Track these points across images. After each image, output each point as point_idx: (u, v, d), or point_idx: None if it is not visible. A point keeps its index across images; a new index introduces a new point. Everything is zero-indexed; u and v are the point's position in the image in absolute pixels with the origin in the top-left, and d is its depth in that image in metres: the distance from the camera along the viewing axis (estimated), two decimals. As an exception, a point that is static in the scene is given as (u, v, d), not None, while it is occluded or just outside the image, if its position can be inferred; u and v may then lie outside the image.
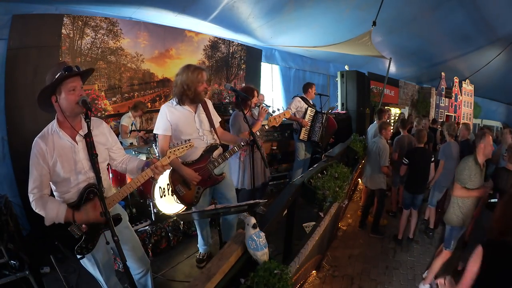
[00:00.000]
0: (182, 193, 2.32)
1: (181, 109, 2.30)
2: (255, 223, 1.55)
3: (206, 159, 2.34)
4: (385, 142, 3.77)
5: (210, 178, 2.36)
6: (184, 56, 5.43)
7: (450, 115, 11.24)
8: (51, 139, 1.56)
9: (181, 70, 2.26)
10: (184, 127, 2.29)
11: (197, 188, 2.34)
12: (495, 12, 5.67)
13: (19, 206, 3.19)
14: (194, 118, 2.33)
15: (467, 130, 4.52)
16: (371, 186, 3.87)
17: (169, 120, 2.27)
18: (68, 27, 3.81)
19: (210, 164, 2.32)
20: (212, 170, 2.34)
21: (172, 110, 2.28)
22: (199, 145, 2.32)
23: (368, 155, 3.99)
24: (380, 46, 6.20)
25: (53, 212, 1.50)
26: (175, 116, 2.27)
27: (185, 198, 2.33)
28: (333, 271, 3.07)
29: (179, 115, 2.28)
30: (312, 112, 4.29)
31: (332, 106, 7.10)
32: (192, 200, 2.35)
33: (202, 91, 2.27)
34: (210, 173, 2.34)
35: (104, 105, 4.43)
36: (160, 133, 2.30)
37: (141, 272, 1.95)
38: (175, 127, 2.29)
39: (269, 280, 1.40)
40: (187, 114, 2.31)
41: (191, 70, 2.22)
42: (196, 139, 2.29)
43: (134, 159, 1.88)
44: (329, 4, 4.76)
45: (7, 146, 3.34)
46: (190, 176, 2.25)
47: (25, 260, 2.15)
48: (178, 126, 2.28)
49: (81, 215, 1.55)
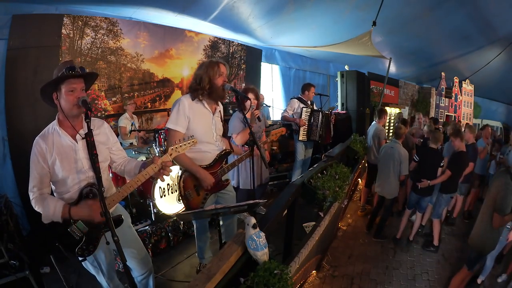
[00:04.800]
0: (191, 198, 2.18)
1: (201, 107, 2.10)
2: (255, 223, 1.55)
3: (218, 165, 2.21)
4: (404, 149, 3.62)
5: (218, 184, 2.24)
6: (184, 56, 5.43)
7: (450, 115, 11.24)
8: (51, 138, 1.56)
9: (200, 65, 2.13)
10: (200, 127, 2.09)
11: (205, 194, 2.22)
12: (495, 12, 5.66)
13: (19, 206, 3.18)
14: (212, 120, 2.17)
15: (472, 133, 4.18)
16: (386, 195, 3.72)
17: (187, 116, 2.03)
18: (68, 27, 3.81)
19: (221, 170, 2.21)
20: (221, 176, 2.24)
21: (192, 105, 2.05)
22: (212, 150, 2.19)
23: (382, 162, 3.78)
24: (380, 46, 6.19)
25: (50, 209, 1.49)
26: (195, 112, 2.05)
27: (192, 203, 2.19)
28: (333, 271, 3.07)
29: (198, 112, 2.08)
30: (308, 111, 4.26)
31: (332, 106, 7.11)
32: (199, 205, 2.23)
33: (220, 85, 2.07)
34: (219, 180, 2.23)
35: (104, 105, 4.42)
36: (172, 128, 2.03)
37: (144, 274, 1.93)
38: (192, 125, 2.06)
39: (269, 280, 1.40)
40: (206, 114, 2.12)
41: (208, 63, 2.07)
42: (209, 144, 2.17)
43: (132, 161, 1.85)
44: (329, 4, 4.76)
45: (7, 146, 3.34)
46: (206, 177, 2.09)
47: (25, 260, 2.15)
48: (195, 125, 2.06)
49: (77, 210, 1.53)
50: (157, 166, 1.64)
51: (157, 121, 5.16)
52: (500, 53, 7.52)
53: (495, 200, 2.30)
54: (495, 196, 2.30)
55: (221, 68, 2.09)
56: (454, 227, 4.26)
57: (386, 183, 3.69)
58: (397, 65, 8.42)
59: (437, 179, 3.40)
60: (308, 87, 4.35)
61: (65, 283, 2.37)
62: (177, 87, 5.43)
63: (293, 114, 4.25)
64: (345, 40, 5.48)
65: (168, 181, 3.43)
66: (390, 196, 3.71)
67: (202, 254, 2.62)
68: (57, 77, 1.50)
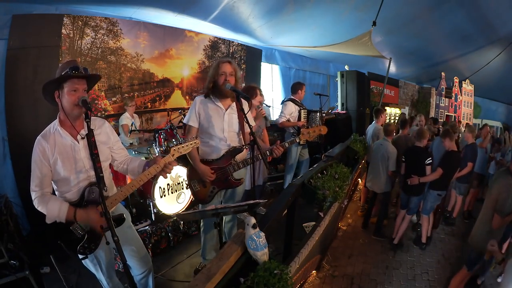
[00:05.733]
0: (196, 189, 2.31)
1: (212, 104, 2.28)
2: (255, 223, 1.55)
3: (227, 161, 2.28)
4: (392, 146, 3.69)
5: (226, 180, 2.30)
6: (184, 56, 5.42)
7: (450, 115, 11.25)
8: (52, 138, 1.57)
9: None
10: (210, 123, 2.26)
11: (211, 188, 2.31)
12: (495, 12, 5.66)
13: (19, 206, 3.18)
14: (224, 116, 2.29)
15: (471, 133, 4.21)
16: (376, 190, 3.82)
17: (197, 112, 2.26)
18: (68, 27, 3.81)
19: (230, 166, 2.27)
20: (231, 173, 2.28)
21: (203, 102, 2.27)
22: (221, 146, 2.30)
23: (373, 158, 3.90)
24: (380, 46, 6.20)
25: (55, 211, 1.50)
26: (205, 108, 2.26)
27: (199, 195, 2.33)
28: (333, 271, 3.07)
29: (208, 109, 2.26)
30: (306, 113, 4.18)
31: (332, 106, 7.11)
32: (206, 198, 2.32)
33: (221, 84, 2.20)
34: (228, 176, 2.29)
35: (104, 105, 4.42)
36: (186, 123, 2.32)
37: (144, 273, 1.94)
38: (202, 121, 2.28)
39: (269, 280, 1.40)
40: (216, 110, 2.28)
41: (214, 63, 2.27)
42: (218, 138, 2.28)
43: (135, 160, 1.87)
44: (329, 5, 4.76)
45: (7, 146, 3.33)
46: (203, 172, 2.23)
47: (25, 260, 2.15)
48: (205, 120, 2.26)
49: (83, 215, 1.55)
50: (159, 167, 1.66)
51: (157, 121, 5.15)
52: (500, 53, 7.53)
53: (496, 201, 2.28)
54: (496, 197, 2.28)
55: (221, 67, 2.22)
56: (454, 227, 4.27)
57: (376, 178, 3.80)
58: (397, 65, 8.43)
59: (428, 177, 3.37)
60: (300, 85, 4.21)
61: (65, 283, 2.37)
62: (177, 87, 5.43)
63: (289, 118, 4.09)
64: (345, 40, 5.48)
65: (168, 181, 3.44)
66: (380, 190, 3.79)
67: (205, 254, 2.62)
68: (60, 75, 1.50)
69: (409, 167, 3.52)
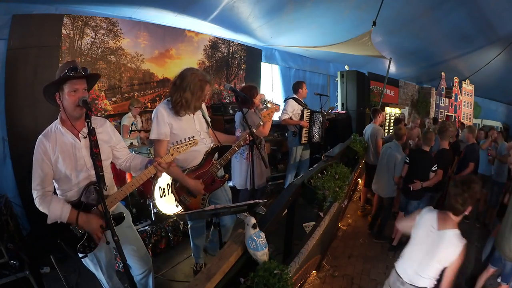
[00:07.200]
0: (188, 202, 2.20)
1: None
2: (255, 223, 1.55)
3: (209, 163, 2.22)
4: (401, 151, 3.56)
5: (214, 182, 2.25)
6: (184, 56, 5.42)
7: (450, 115, 11.24)
8: (54, 137, 1.58)
9: (185, 74, 2.06)
10: (183, 131, 2.12)
11: (202, 195, 2.24)
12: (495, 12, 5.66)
13: (19, 206, 3.19)
14: (194, 119, 2.22)
15: (472, 133, 4.15)
16: (381, 194, 3.75)
17: (167, 123, 2.08)
18: (68, 27, 3.81)
19: (213, 167, 2.22)
20: (215, 173, 2.25)
21: (170, 112, 2.10)
22: (200, 149, 2.19)
23: (380, 161, 3.79)
24: (380, 46, 6.20)
25: (57, 212, 1.51)
26: (174, 118, 2.10)
27: (192, 206, 2.21)
28: (333, 271, 3.07)
29: (177, 117, 2.13)
30: (309, 113, 4.15)
31: (332, 106, 7.11)
32: (198, 206, 2.24)
33: (200, 104, 2.16)
34: (214, 177, 2.24)
35: (104, 105, 4.42)
36: (156, 138, 2.08)
37: (144, 273, 1.94)
38: (175, 130, 2.11)
39: (269, 280, 1.40)
40: (185, 117, 2.17)
41: (194, 81, 2.03)
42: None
43: (137, 157, 1.89)
44: (329, 4, 4.76)
45: (7, 146, 3.33)
46: (195, 188, 2.12)
47: (25, 260, 2.15)
48: (177, 130, 2.11)
49: (84, 219, 1.55)
50: (159, 166, 1.67)
51: (157, 121, 5.16)
52: (500, 53, 7.53)
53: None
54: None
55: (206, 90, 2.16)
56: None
57: (381, 182, 3.73)
58: (397, 65, 8.43)
59: (430, 181, 3.31)
60: (300, 84, 4.19)
61: (65, 283, 2.37)
62: (177, 87, 5.43)
63: (291, 117, 4.08)
64: (345, 40, 5.48)
65: (168, 181, 3.43)
66: (385, 195, 3.71)
67: (198, 254, 2.64)
68: (59, 77, 1.51)
69: (412, 170, 3.42)
